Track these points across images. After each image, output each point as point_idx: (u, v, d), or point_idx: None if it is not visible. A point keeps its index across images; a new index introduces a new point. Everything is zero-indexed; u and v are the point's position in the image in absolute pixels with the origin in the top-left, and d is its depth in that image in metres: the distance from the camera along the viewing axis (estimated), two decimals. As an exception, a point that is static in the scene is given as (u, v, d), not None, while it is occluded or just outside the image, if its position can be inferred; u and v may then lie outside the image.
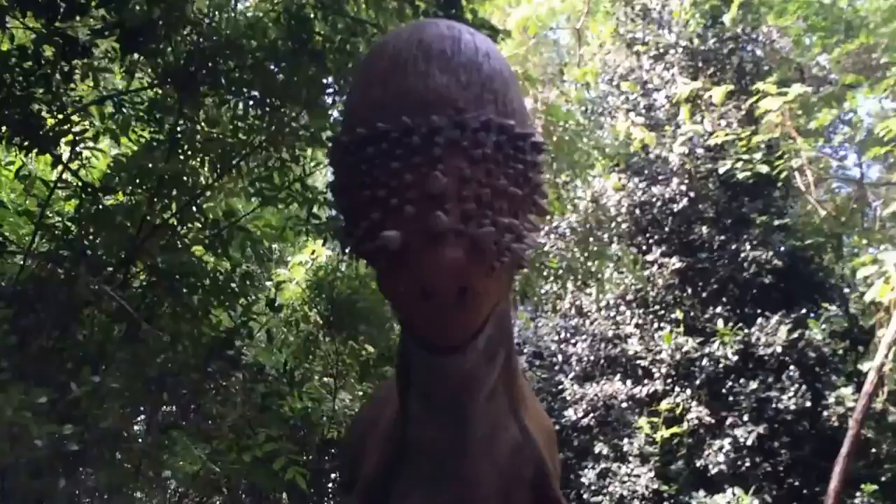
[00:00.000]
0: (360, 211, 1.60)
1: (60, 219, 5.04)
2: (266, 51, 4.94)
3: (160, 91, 5.27)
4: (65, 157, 5.36)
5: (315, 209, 5.40)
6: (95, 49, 5.29)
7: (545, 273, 6.44)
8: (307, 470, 5.90)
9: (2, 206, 5.15)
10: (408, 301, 1.53)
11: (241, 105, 5.13)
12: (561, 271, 6.54)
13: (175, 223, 4.84)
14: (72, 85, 5.21)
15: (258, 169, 5.15)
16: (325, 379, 6.14)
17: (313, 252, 6.49)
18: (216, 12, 5.11)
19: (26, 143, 4.91)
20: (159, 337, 3.85)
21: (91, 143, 5.37)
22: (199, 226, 4.90)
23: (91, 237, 4.77)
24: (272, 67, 4.89)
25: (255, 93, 5.16)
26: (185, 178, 4.82)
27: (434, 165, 1.46)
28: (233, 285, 4.91)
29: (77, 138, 5.24)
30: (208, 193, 5.29)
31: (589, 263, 7.90)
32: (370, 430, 2.77)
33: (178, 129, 5.08)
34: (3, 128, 4.86)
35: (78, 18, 4.98)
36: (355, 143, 1.58)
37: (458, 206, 1.44)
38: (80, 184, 5.11)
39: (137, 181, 4.89)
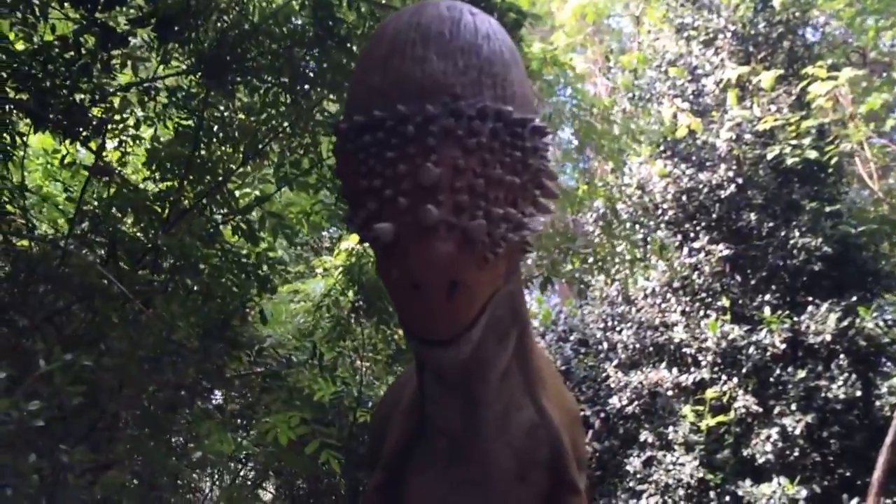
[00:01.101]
0: (357, 199, 1.65)
1: (97, 204, 5.23)
2: (293, 37, 5.05)
3: (193, 78, 5.42)
4: (109, 145, 5.58)
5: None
6: (133, 38, 5.47)
7: (578, 258, 6.42)
8: (340, 454, 6.02)
9: (31, 192, 5.32)
10: (399, 292, 1.59)
11: (269, 91, 5.24)
12: (590, 258, 6.50)
13: (203, 207, 5.00)
14: (112, 74, 5.38)
15: (286, 154, 5.27)
16: (358, 363, 6.24)
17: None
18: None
19: (70, 133, 5.13)
20: (154, 318, 3.90)
21: (132, 132, 5.59)
22: (226, 210, 5.04)
23: (123, 222, 4.95)
24: (300, 52, 5.00)
25: (284, 79, 5.27)
26: (211, 163, 4.97)
27: (428, 156, 1.53)
28: (259, 271, 5.02)
29: (119, 127, 5.46)
30: (236, 180, 5.44)
31: (622, 250, 7.84)
32: (392, 411, 2.84)
33: (207, 115, 5.22)
34: (49, 117, 5.08)
35: (116, 8, 5.16)
36: (353, 131, 1.63)
37: (450, 197, 1.52)
38: (117, 170, 5.32)
39: (168, 166, 5.07)
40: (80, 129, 5.08)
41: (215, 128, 5.30)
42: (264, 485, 8.85)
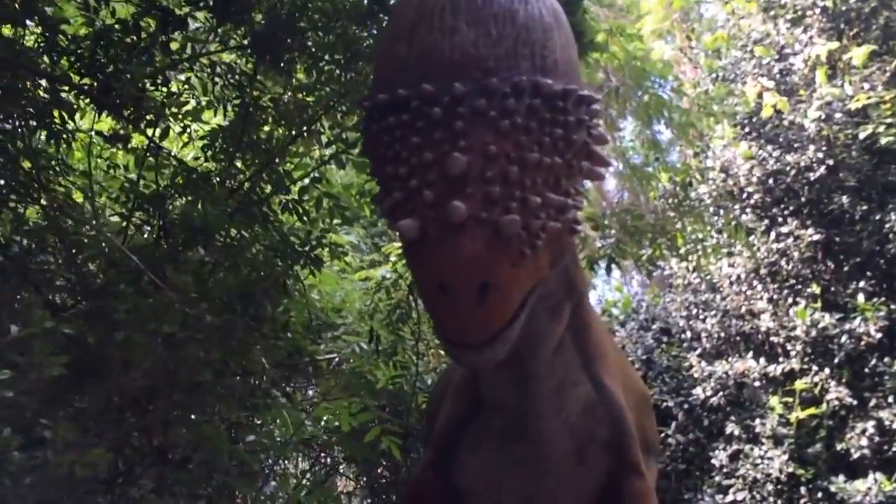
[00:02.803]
0: (385, 185, 1.55)
1: (156, 187, 5.28)
2: (346, 13, 4.98)
3: (248, 58, 5.42)
4: (175, 129, 5.64)
5: None
6: (193, 21, 5.50)
7: (647, 237, 6.19)
8: (400, 439, 5.96)
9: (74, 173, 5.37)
10: (427, 293, 1.47)
11: (323, 69, 5.19)
12: (659, 238, 6.26)
13: (252, 187, 4.99)
14: (173, 58, 5.43)
15: (337, 131, 5.21)
16: (419, 347, 6.16)
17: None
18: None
19: (133, 118, 5.21)
20: (164, 292, 3.83)
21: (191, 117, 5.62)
22: (273, 189, 5.02)
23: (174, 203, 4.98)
24: (352, 28, 4.94)
25: (338, 56, 5.19)
26: (262, 143, 4.97)
27: (455, 143, 1.40)
28: (304, 249, 4.95)
29: (182, 111, 5.51)
30: (292, 161, 5.42)
31: (691, 230, 7.52)
32: (446, 390, 2.75)
33: (258, 94, 5.22)
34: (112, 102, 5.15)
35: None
36: (378, 110, 1.52)
37: (480, 188, 1.39)
38: (172, 154, 5.38)
39: (221, 146, 5.09)
40: (144, 113, 5.16)
41: (269, 108, 5.29)
42: (340, 472, 8.85)
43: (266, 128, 5.38)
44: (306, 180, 5.42)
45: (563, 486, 2.29)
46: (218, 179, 5.16)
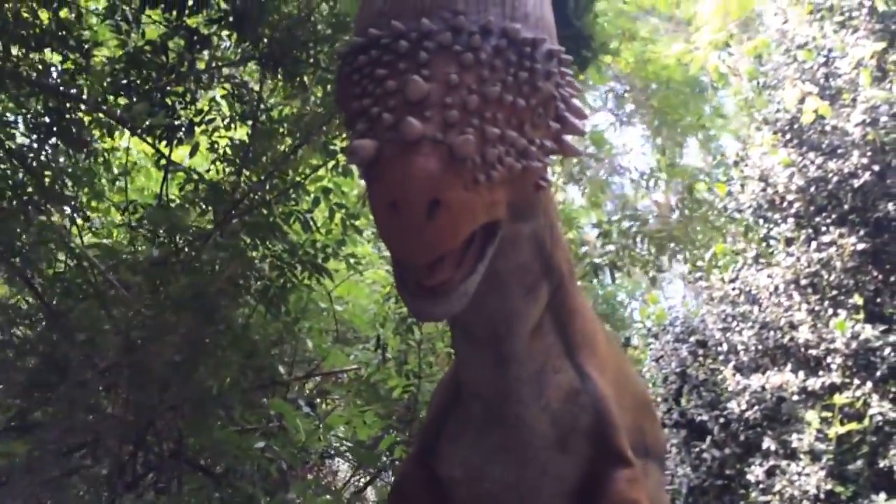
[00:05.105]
0: (350, 123, 1.58)
1: (177, 198, 5.46)
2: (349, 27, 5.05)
3: (267, 74, 5.57)
4: (204, 144, 5.82)
5: None
6: (219, 40, 5.69)
7: (654, 242, 6.07)
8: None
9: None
10: (379, 212, 1.46)
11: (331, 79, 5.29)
12: (666, 242, 6.12)
13: (260, 198, 5.10)
14: (199, 77, 5.61)
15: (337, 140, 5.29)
16: (430, 358, 6.16)
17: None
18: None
19: (165, 135, 5.40)
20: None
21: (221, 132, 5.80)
22: (279, 197, 5.12)
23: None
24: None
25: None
26: (266, 155, 5.08)
27: (418, 70, 1.44)
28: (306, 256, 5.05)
29: (210, 127, 5.69)
30: (303, 173, 5.52)
31: (703, 236, 7.34)
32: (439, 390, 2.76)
33: (272, 107, 5.34)
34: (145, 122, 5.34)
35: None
36: (351, 54, 1.57)
37: (439, 113, 1.42)
38: (190, 167, 5.55)
39: (230, 157, 5.23)
40: (173, 131, 5.35)
41: (281, 121, 5.41)
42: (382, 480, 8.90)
43: (275, 142, 5.51)
44: (311, 190, 5.50)
45: (545, 474, 2.26)
46: (232, 188, 5.29)
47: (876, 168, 8.65)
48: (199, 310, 4.24)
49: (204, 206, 5.12)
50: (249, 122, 5.63)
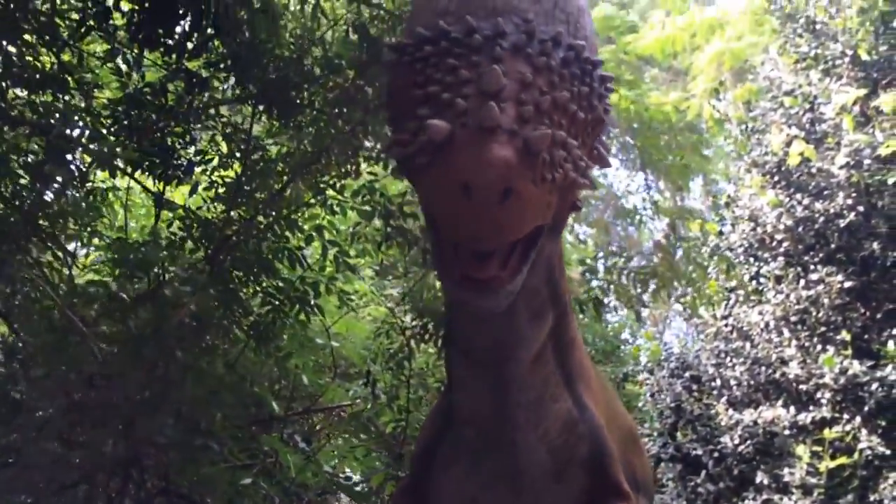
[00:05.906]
0: (409, 110, 1.57)
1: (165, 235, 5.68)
2: (341, 66, 5.33)
3: (259, 113, 5.84)
4: (204, 183, 6.10)
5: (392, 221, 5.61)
6: (218, 83, 5.97)
7: (641, 277, 6.30)
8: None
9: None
10: (447, 197, 1.46)
11: (325, 122, 5.56)
12: (650, 280, 6.34)
13: (250, 235, 5.32)
14: (198, 119, 5.88)
15: (329, 179, 5.54)
16: (420, 392, 6.28)
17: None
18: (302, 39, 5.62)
19: (164, 175, 5.67)
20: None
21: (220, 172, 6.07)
22: (268, 233, 5.36)
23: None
24: (350, 80, 5.28)
25: (345, 108, 5.55)
26: (256, 193, 5.33)
27: (494, 64, 1.46)
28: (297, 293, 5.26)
29: (210, 167, 5.97)
30: (300, 210, 5.76)
31: (694, 276, 7.55)
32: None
33: (255, 145, 5.61)
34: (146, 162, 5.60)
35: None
36: (414, 44, 1.60)
37: (514, 107, 1.44)
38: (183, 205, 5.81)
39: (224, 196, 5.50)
40: (172, 171, 5.62)
41: (273, 160, 5.67)
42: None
43: (268, 179, 5.71)
44: (306, 228, 5.74)
45: None
46: (221, 227, 5.50)
47: (861, 208, 8.94)
48: (162, 344, 4.29)
49: (194, 244, 5.33)
50: (241, 160, 5.81)
